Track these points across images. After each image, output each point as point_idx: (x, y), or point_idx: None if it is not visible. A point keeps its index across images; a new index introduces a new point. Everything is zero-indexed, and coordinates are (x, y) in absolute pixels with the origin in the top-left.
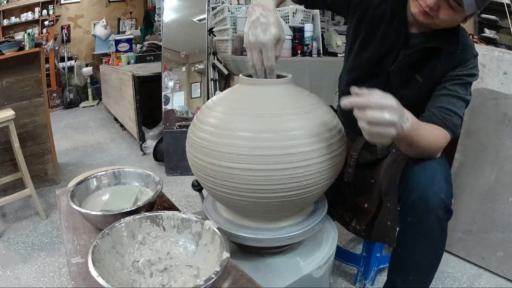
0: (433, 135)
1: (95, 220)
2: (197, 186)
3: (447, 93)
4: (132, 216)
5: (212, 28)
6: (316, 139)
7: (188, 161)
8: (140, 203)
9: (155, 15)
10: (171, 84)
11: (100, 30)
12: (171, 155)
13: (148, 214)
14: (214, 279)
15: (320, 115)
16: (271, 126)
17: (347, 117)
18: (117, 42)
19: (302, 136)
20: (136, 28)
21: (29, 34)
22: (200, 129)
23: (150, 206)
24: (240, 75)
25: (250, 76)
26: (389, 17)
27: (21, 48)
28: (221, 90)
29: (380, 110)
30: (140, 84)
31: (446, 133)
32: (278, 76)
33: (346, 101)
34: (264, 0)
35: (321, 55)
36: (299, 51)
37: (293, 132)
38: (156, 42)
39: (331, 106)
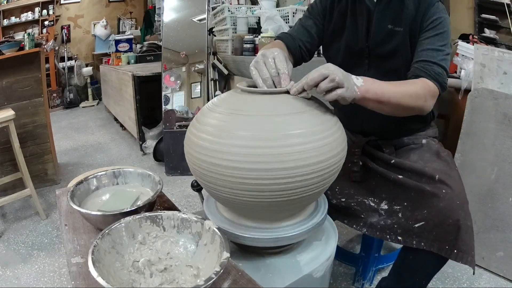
0: (406, 85)
1: (95, 220)
2: (196, 187)
3: (425, 48)
4: (132, 216)
5: (212, 28)
6: (315, 138)
7: (187, 162)
8: (140, 203)
9: (155, 15)
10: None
11: (100, 30)
12: (171, 155)
13: (148, 214)
14: (214, 279)
15: (318, 115)
16: (271, 126)
17: (343, 116)
18: (117, 42)
19: (301, 135)
20: (136, 28)
21: (29, 34)
22: (199, 129)
23: (150, 206)
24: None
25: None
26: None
27: (21, 48)
28: (221, 90)
29: (322, 80)
30: (140, 84)
31: (426, 80)
32: None
33: (293, 90)
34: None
35: (321, 55)
36: None
37: (292, 132)
38: (156, 42)
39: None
